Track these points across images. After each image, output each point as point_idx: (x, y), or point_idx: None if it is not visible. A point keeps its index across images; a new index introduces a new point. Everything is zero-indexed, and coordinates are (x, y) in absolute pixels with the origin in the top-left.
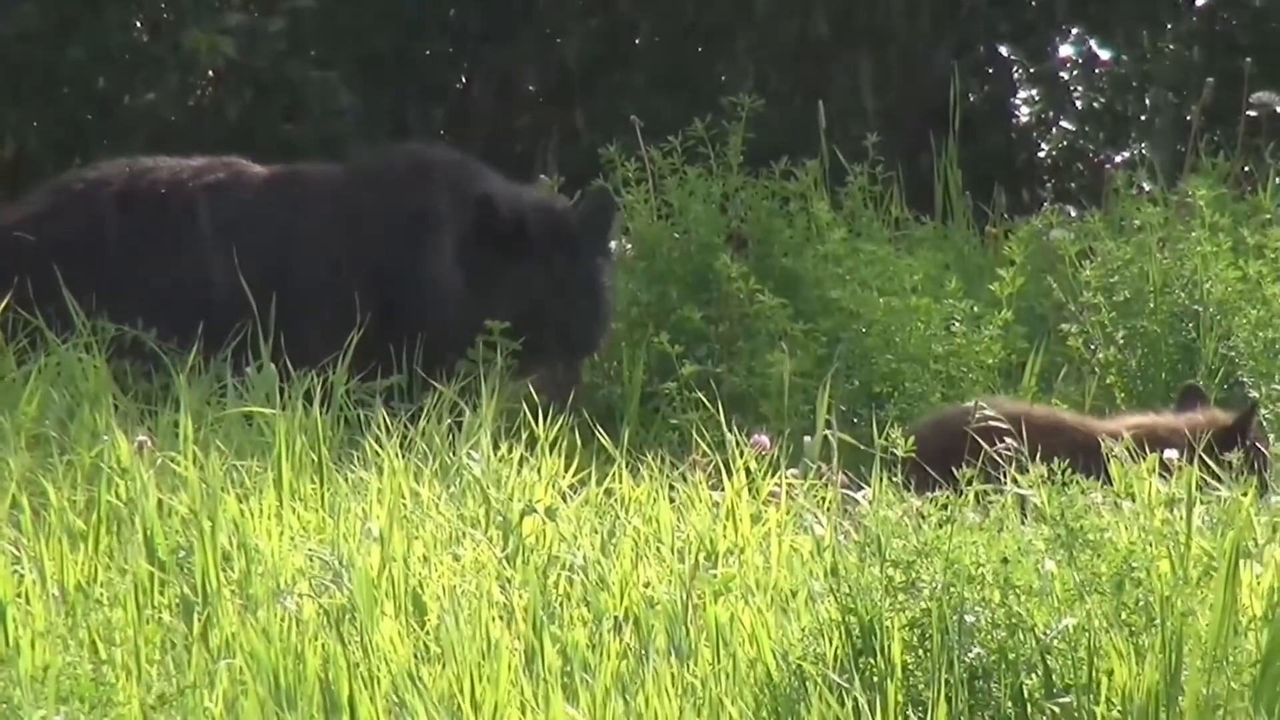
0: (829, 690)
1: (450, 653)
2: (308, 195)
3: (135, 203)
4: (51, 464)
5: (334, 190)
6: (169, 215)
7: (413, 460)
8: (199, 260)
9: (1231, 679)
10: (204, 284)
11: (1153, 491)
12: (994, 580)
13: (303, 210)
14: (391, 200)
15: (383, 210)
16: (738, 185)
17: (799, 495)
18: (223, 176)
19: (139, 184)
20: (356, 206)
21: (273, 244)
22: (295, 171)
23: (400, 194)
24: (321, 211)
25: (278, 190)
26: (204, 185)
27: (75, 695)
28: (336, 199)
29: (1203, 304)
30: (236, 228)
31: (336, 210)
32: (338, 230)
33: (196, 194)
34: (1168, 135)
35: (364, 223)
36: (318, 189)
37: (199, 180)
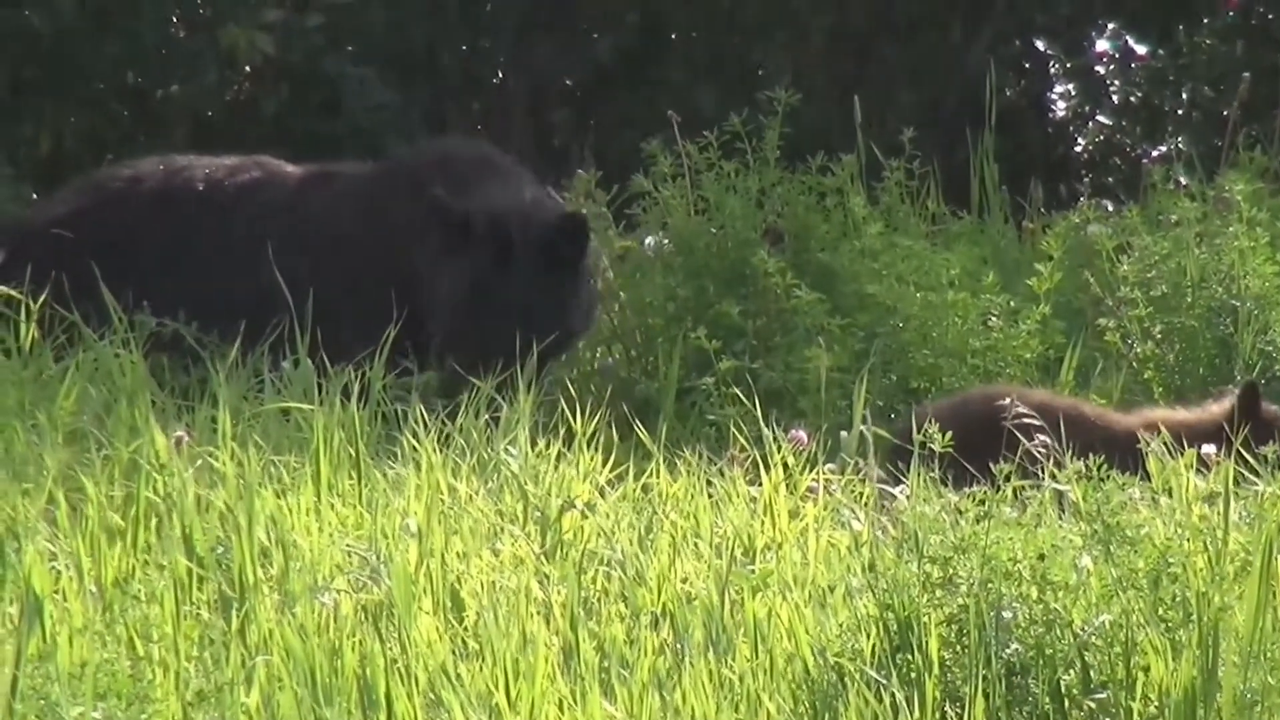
0: (866, 686)
1: (488, 649)
2: (339, 193)
3: (172, 201)
4: (89, 459)
5: (363, 187)
6: (204, 214)
7: (450, 456)
8: (234, 259)
9: (1269, 674)
10: (239, 282)
11: (1190, 487)
12: (1031, 576)
13: (334, 208)
14: (408, 197)
15: (403, 207)
16: (774, 180)
17: (836, 490)
18: (256, 176)
19: (174, 182)
20: (383, 203)
21: (306, 242)
22: (326, 170)
23: (416, 191)
24: (352, 209)
25: (310, 189)
26: (238, 185)
27: (113, 692)
28: (366, 196)
29: (1240, 299)
30: (270, 226)
31: (366, 207)
32: (367, 228)
33: (231, 193)
34: (1205, 130)
35: (389, 219)
36: (347, 187)
37: (233, 179)
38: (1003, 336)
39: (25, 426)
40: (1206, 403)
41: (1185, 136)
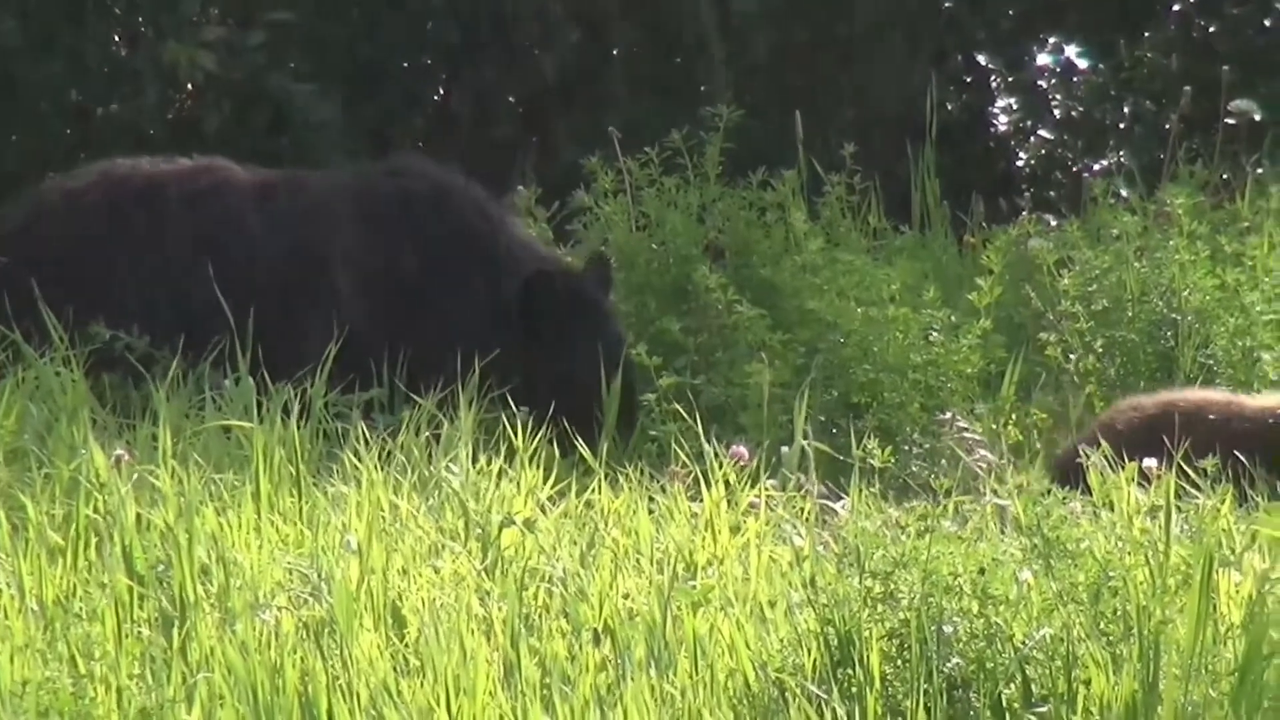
0: (808, 701)
1: (429, 666)
2: (305, 204)
3: (115, 214)
4: (30, 478)
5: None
6: (149, 225)
7: (391, 473)
8: (179, 271)
9: (1210, 687)
10: (183, 296)
11: (1131, 500)
12: (972, 590)
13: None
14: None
15: (394, 226)
16: (715, 195)
17: (778, 506)
18: (206, 184)
19: (118, 193)
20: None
21: (265, 253)
22: (287, 178)
23: (404, 210)
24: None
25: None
26: (185, 194)
27: (55, 709)
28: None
29: (1181, 312)
30: (219, 236)
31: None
32: (355, 242)
33: (178, 202)
34: (1146, 144)
35: (381, 237)
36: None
37: (180, 188)
38: (944, 351)
39: None
40: None
41: (1126, 150)
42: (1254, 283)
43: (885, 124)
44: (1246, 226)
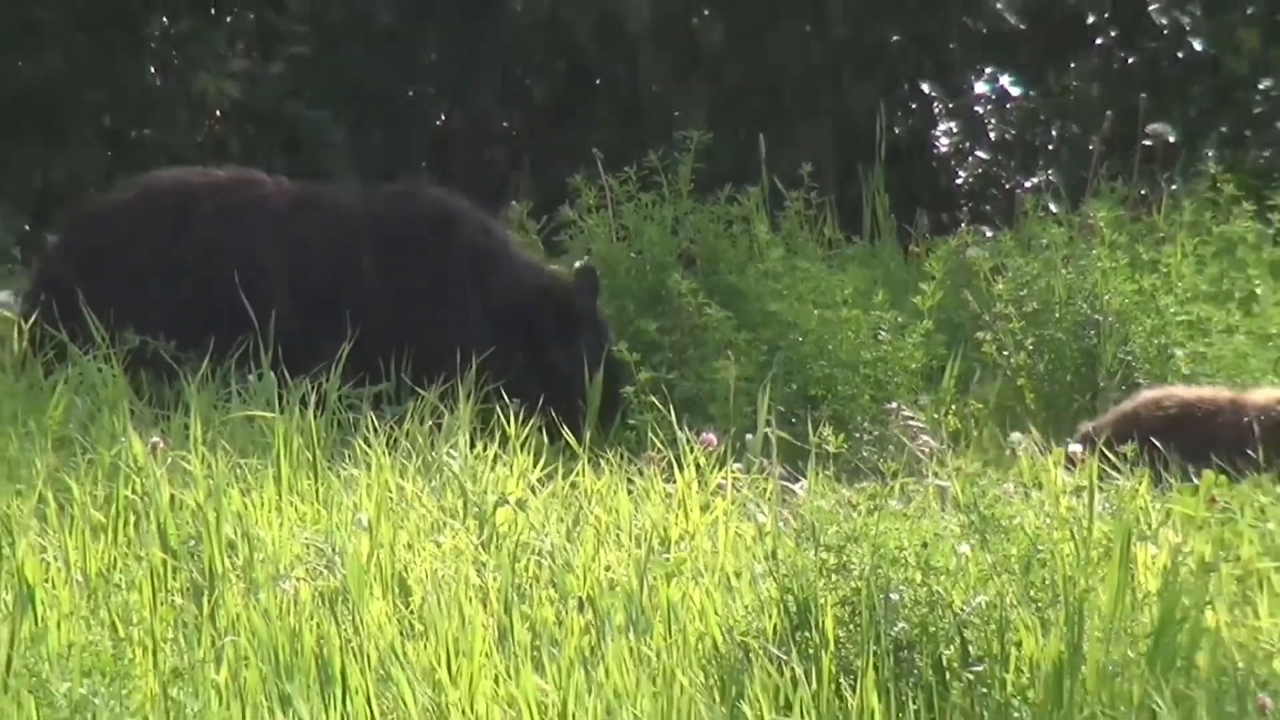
0: (769, 661)
1: (431, 630)
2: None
3: (157, 221)
4: (74, 463)
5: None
6: (185, 232)
7: (398, 458)
8: (211, 275)
9: (1128, 648)
10: (214, 298)
11: (1058, 481)
12: (915, 562)
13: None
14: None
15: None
16: (687, 210)
17: (743, 487)
18: (239, 197)
19: (160, 202)
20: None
21: (290, 262)
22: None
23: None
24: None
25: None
26: (219, 205)
27: (97, 670)
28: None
29: (1103, 314)
30: (248, 245)
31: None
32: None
33: (213, 212)
34: (1072, 163)
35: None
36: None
37: (216, 199)
38: (891, 349)
39: (19, 433)
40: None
41: (1054, 169)
42: (1168, 287)
43: (839, 146)
44: (1161, 237)
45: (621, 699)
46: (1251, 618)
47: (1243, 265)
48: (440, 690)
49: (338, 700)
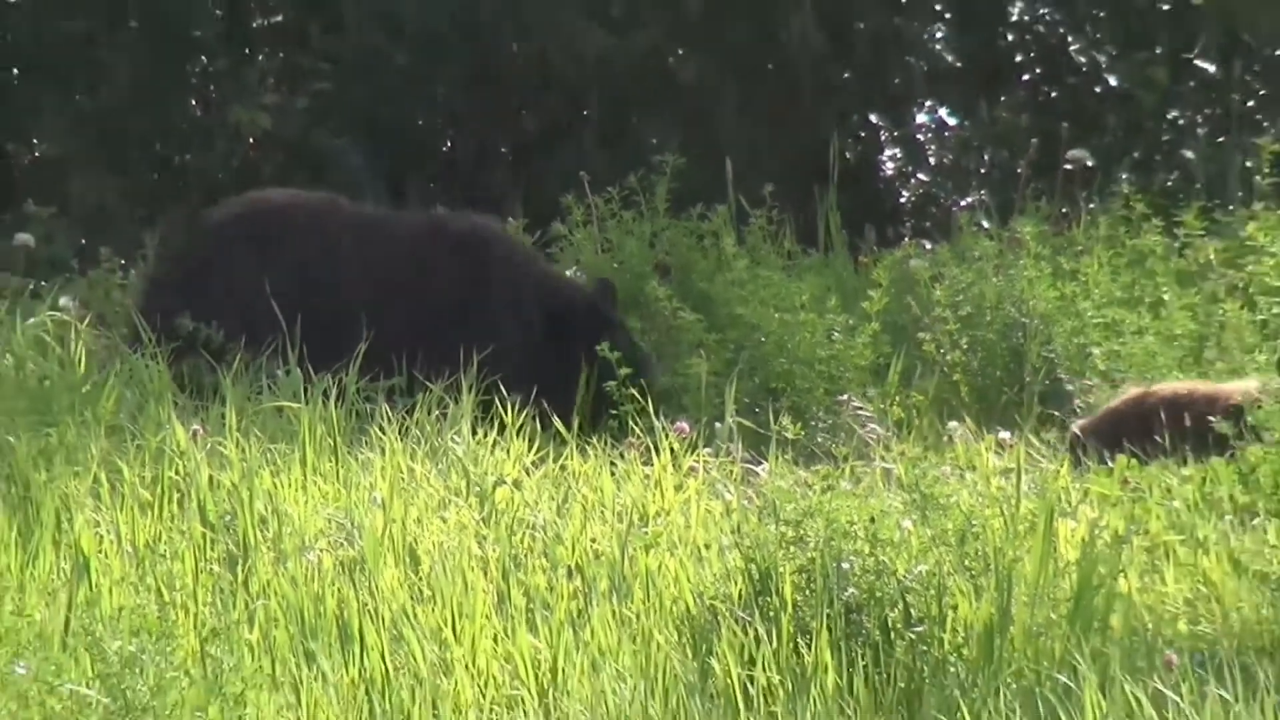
0: (735, 622)
1: (438, 595)
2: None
3: (246, 234)
4: (125, 448)
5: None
6: (271, 243)
7: (409, 444)
8: (286, 283)
9: (1051, 611)
10: (297, 304)
11: (989, 464)
12: (864, 535)
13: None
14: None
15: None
16: (663, 226)
17: (712, 470)
18: (312, 221)
19: (252, 220)
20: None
21: (357, 274)
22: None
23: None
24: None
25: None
26: (301, 222)
27: (144, 629)
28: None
29: (1028, 317)
30: (322, 259)
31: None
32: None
33: (300, 226)
34: (1001, 185)
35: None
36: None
37: (300, 216)
38: (843, 348)
39: (76, 422)
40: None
41: (986, 190)
42: (1086, 294)
43: (798, 169)
44: (1080, 250)
45: (605, 656)
46: (1159, 584)
47: (1152, 274)
48: (446, 648)
49: (356, 657)
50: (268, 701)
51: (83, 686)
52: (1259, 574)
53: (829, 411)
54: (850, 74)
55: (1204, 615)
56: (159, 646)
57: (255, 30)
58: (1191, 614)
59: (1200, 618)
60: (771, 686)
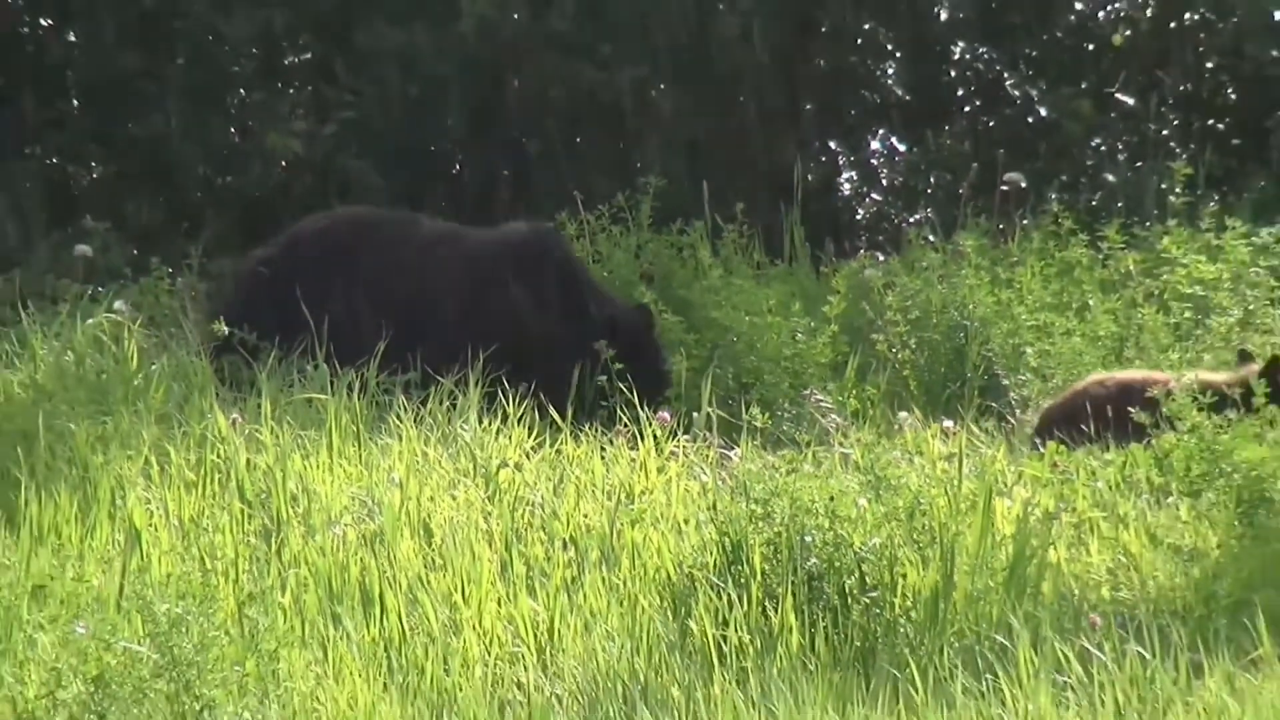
0: (710, 588)
1: (449, 564)
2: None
3: (333, 244)
4: (172, 434)
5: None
6: (356, 253)
7: (423, 431)
8: (371, 288)
9: (989, 579)
10: (377, 308)
11: (935, 449)
12: (825, 512)
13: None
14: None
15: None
16: (647, 239)
17: (690, 454)
18: (395, 231)
19: (339, 230)
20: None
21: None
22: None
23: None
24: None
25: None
26: (384, 235)
27: (189, 594)
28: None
29: (969, 320)
30: (402, 268)
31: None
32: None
33: (384, 239)
34: (945, 204)
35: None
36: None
37: (382, 229)
38: (805, 347)
39: (129, 412)
40: (1240, 367)
41: (932, 208)
42: (1020, 299)
43: (765, 190)
44: (1015, 261)
45: (596, 618)
46: (1085, 555)
47: (1078, 283)
48: (456, 610)
49: (376, 618)
50: (298, 657)
51: (135, 644)
52: (1172, 546)
53: (793, 403)
54: (812, 106)
55: (1124, 583)
56: (202, 609)
57: (287, 66)
58: (1113, 581)
59: (1121, 585)
60: (742, 645)
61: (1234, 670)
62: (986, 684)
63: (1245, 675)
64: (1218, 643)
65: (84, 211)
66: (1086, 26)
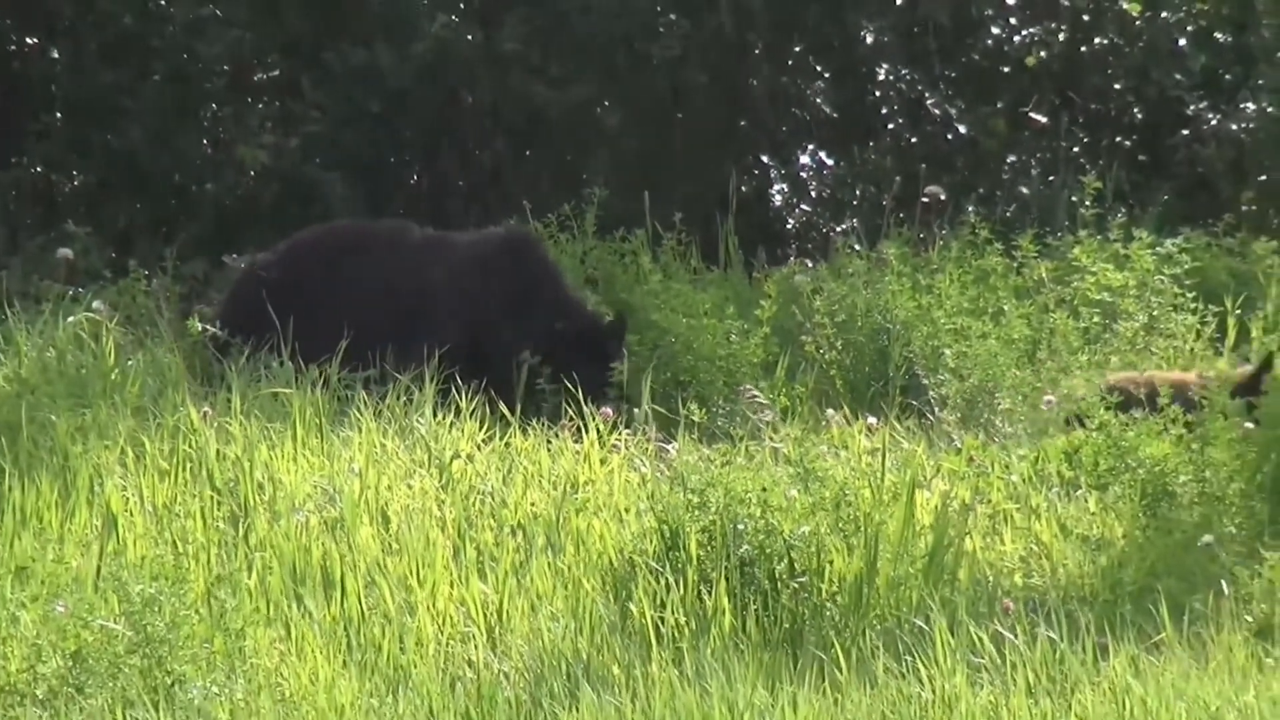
0: (649, 573)
1: (405, 549)
2: None
3: (327, 254)
4: (147, 425)
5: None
6: (349, 263)
7: (381, 424)
8: (357, 296)
9: (909, 566)
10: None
11: (860, 443)
12: (757, 502)
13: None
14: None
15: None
16: (592, 246)
17: (631, 447)
18: (387, 240)
19: (332, 241)
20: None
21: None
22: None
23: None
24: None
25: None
26: (375, 244)
27: (162, 575)
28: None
29: (892, 324)
30: (392, 275)
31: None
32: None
33: (376, 247)
34: (870, 215)
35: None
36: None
37: (376, 238)
38: (739, 348)
39: (107, 404)
40: (1239, 364)
41: (858, 219)
42: (940, 304)
43: (702, 200)
44: (935, 268)
45: (542, 600)
46: (999, 544)
47: (994, 289)
48: (411, 592)
49: (337, 599)
50: (263, 635)
51: (111, 622)
52: (1081, 536)
53: (728, 400)
54: (746, 123)
55: (1036, 570)
56: (174, 590)
57: (256, 82)
58: (1025, 569)
59: (1032, 572)
60: (679, 626)
61: (1138, 653)
62: (906, 665)
63: (1148, 657)
64: (1123, 627)
65: (66, 217)
66: (1002, 50)
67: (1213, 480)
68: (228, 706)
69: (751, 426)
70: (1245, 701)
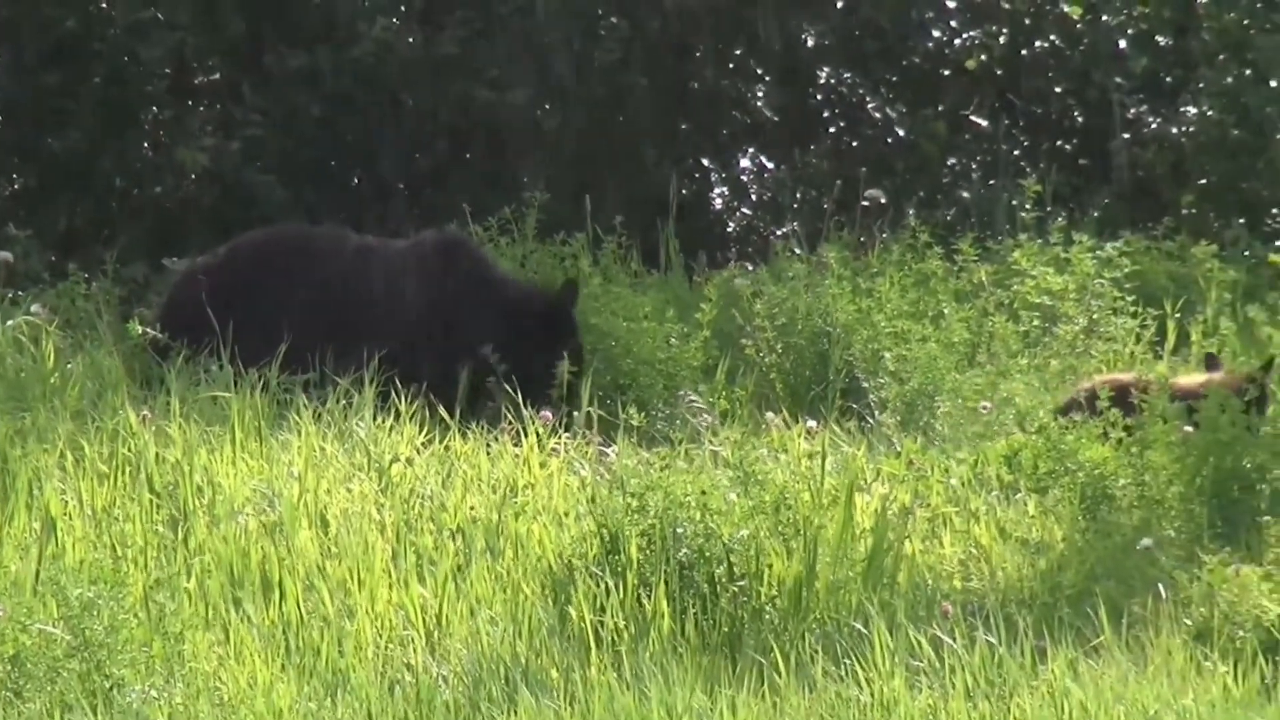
0: (589, 577)
1: (344, 552)
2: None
3: (269, 259)
4: (86, 429)
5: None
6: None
7: (321, 427)
8: (296, 301)
9: (849, 569)
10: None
11: (800, 447)
12: (696, 505)
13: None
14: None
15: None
16: (532, 250)
17: (571, 450)
18: (326, 244)
19: (272, 246)
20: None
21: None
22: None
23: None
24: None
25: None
26: (314, 249)
27: (101, 579)
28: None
29: (832, 327)
30: (333, 278)
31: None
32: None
33: (318, 251)
34: (811, 218)
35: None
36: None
37: (315, 245)
38: (679, 351)
39: (47, 408)
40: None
41: (798, 222)
42: (880, 308)
43: (643, 204)
44: (875, 272)
45: (482, 604)
46: (938, 547)
47: (934, 292)
48: (350, 596)
49: (276, 603)
50: (202, 639)
51: (49, 626)
52: (1020, 540)
53: (668, 403)
54: (687, 126)
55: (975, 574)
56: (113, 593)
57: (197, 86)
58: (964, 572)
59: (971, 575)
60: (618, 630)
61: (1077, 656)
62: (845, 668)
63: (1087, 660)
64: (1062, 630)
65: (6, 220)
66: (943, 53)
67: (1152, 484)
68: (166, 710)
69: (691, 430)
70: (1184, 705)
